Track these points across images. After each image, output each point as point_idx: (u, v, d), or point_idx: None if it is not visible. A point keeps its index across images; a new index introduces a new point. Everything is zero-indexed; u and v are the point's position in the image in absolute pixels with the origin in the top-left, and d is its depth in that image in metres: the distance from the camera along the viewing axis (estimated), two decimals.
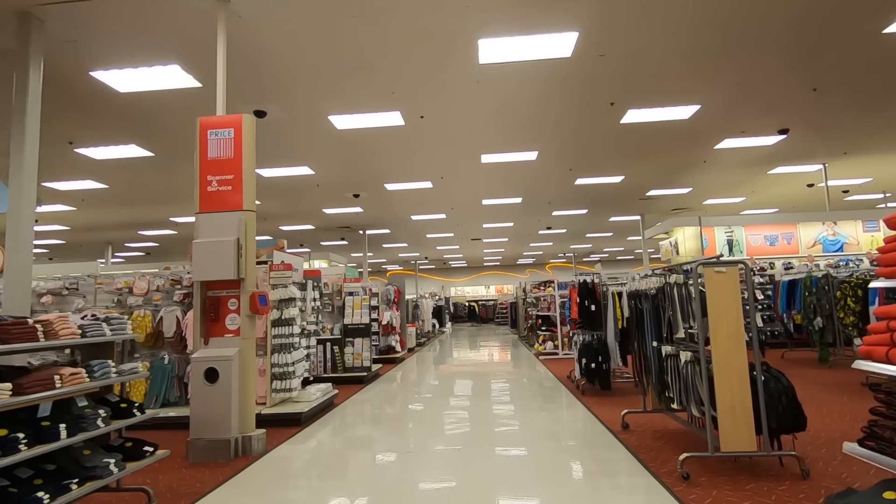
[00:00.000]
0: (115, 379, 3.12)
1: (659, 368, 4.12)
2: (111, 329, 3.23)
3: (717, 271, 3.53)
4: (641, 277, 4.48)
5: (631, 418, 5.16)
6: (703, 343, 3.54)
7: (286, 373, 5.79)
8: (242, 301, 4.73)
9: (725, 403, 3.44)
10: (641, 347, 4.58)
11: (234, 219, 4.81)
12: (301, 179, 10.92)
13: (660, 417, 5.17)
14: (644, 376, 4.60)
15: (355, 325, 8.38)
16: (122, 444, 3.20)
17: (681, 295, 3.78)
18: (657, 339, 4.15)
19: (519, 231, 19.01)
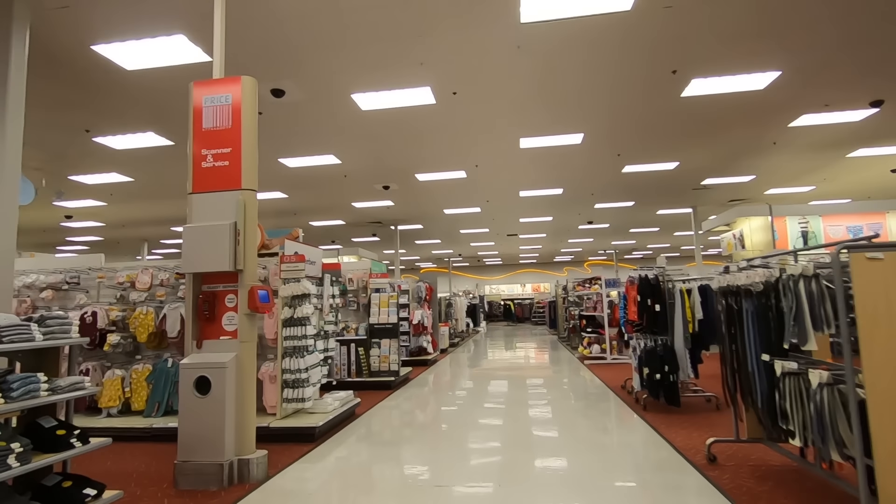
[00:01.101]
0: (44, 399, 2.34)
1: (769, 390, 3.05)
2: (45, 332, 2.46)
3: (872, 257, 2.45)
4: (741, 269, 3.41)
5: (719, 448, 4.07)
6: (849, 360, 2.47)
7: (299, 380, 4.98)
8: (241, 297, 3.93)
9: (888, 448, 2.37)
10: (737, 359, 3.51)
11: (230, 199, 4.01)
12: (327, 170, 10.18)
13: (756, 448, 4.07)
14: (741, 396, 3.52)
15: (382, 324, 7.55)
16: (57, 484, 2.43)
17: (810, 291, 2.71)
18: (767, 349, 3.08)
19: (558, 226, 17.82)
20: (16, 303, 5.70)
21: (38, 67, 5.76)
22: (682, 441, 4.39)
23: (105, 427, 5.03)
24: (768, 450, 3.98)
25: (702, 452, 4.00)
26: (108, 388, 5.35)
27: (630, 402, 6.03)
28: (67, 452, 2.45)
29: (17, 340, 2.32)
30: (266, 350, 5.39)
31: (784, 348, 2.99)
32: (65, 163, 9.25)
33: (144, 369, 5.41)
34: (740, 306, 3.34)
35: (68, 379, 2.52)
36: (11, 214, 4.49)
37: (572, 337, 12.34)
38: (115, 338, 5.41)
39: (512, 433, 4.91)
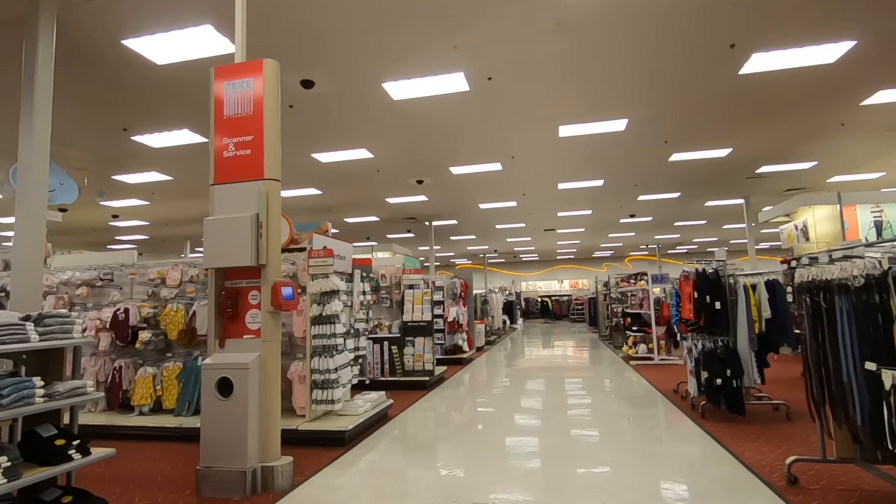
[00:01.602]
0: (39, 406, 2.12)
1: (873, 404, 2.52)
2: (43, 332, 2.25)
3: None
4: (834, 259, 2.87)
5: (801, 468, 3.53)
6: None
7: (328, 381, 4.72)
8: (264, 294, 3.68)
9: None
10: (826, 367, 2.98)
11: (252, 190, 3.76)
12: (360, 164, 9.96)
13: (846, 469, 3.50)
14: (830, 410, 2.99)
15: (416, 322, 7.25)
16: (56, 499, 2.21)
17: None
18: (870, 356, 2.55)
19: (598, 220, 17.09)
20: (53, 299, 5.71)
21: (72, 64, 5.72)
22: (753, 456, 3.86)
23: (136, 426, 4.92)
24: (861, 472, 3.41)
25: (779, 471, 3.47)
26: (139, 385, 5.26)
27: (685, 409, 5.49)
28: (63, 466, 2.23)
29: (10, 342, 2.11)
30: (295, 349, 5.17)
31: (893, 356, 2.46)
32: (106, 163, 9.39)
33: (175, 367, 5.29)
34: (831, 304, 2.81)
35: (68, 384, 2.30)
36: (40, 210, 4.41)
37: (615, 335, 11.72)
38: (147, 335, 5.31)
39: (555, 440, 4.49)
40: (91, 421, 5.06)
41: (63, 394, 2.25)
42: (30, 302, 4.25)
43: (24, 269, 4.21)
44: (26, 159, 4.32)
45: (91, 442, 2.44)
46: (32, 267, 4.27)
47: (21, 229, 4.28)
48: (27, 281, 4.23)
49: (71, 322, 2.43)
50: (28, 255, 4.25)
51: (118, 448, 4.69)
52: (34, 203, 4.33)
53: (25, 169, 4.32)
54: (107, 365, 5.48)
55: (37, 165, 4.35)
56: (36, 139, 4.36)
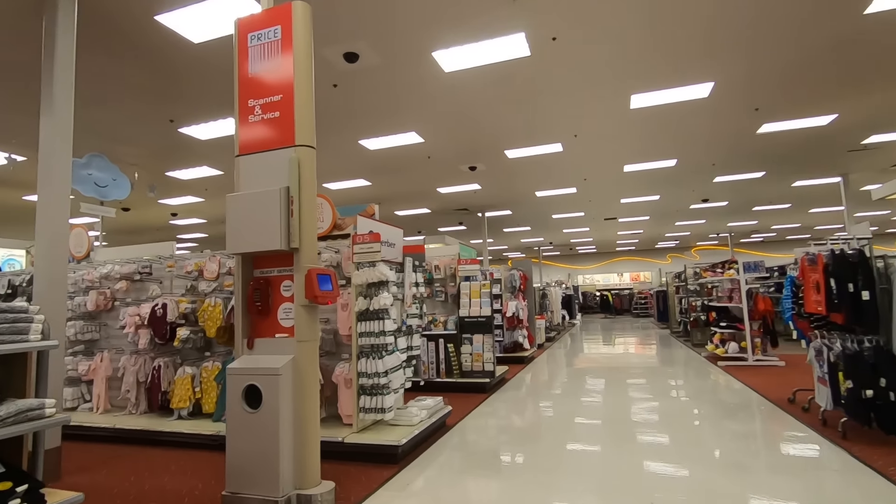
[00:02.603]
0: None
1: None
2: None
3: None
4: None
5: None
6: None
7: (377, 386, 4.03)
8: (297, 283, 3.02)
9: None
10: None
11: (281, 159, 3.10)
12: (409, 151, 9.28)
13: None
14: None
15: (473, 317, 6.47)
16: None
17: None
18: None
19: (665, 206, 15.61)
20: (95, 294, 5.39)
21: (111, 48, 5.32)
22: None
23: (173, 431, 4.45)
24: None
25: None
26: (178, 387, 4.81)
27: (814, 425, 4.37)
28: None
29: None
30: (340, 349, 4.53)
31: None
32: (158, 158, 9.23)
33: (214, 367, 4.80)
34: None
35: (17, 404, 1.70)
36: (63, 209, 3.99)
37: (693, 332, 10.43)
38: (185, 332, 4.85)
39: (650, 462, 3.57)
40: (129, 425, 4.65)
41: (4, 419, 1.65)
42: (53, 298, 3.83)
43: (47, 263, 3.79)
44: (48, 147, 3.90)
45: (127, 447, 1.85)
46: (56, 262, 3.85)
47: (43, 220, 3.87)
48: (50, 277, 3.82)
49: (27, 319, 1.84)
50: (51, 249, 3.83)
51: (154, 456, 4.23)
52: (56, 192, 3.91)
53: (47, 156, 3.90)
54: (146, 364, 5.08)
55: (59, 158, 3.93)
56: (57, 118, 3.93)
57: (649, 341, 12.32)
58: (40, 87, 4.07)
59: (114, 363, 5.30)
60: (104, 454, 4.37)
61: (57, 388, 3.74)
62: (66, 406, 5.34)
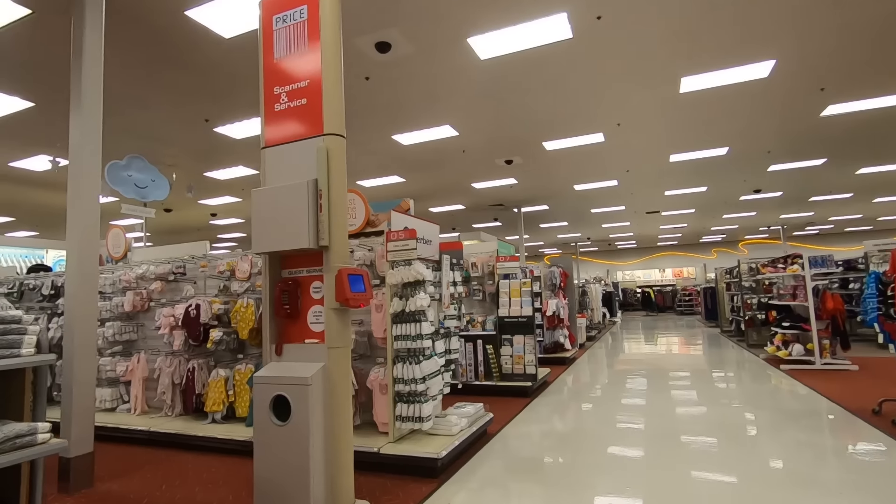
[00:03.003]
0: None
1: None
2: None
3: None
4: None
5: None
6: None
7: (414, 393, 3.75)
8: (327, 284, 2.76)
9: None
10: None
11: (308, 150, 2.85)
12: (444, 145, 8.99)
13: None
14: None
15: (513, 317, 6.12)
16: None
17: None
18: None
19: (713, 198, 14.73)
20: (132, 295, 5.34)
21: (144, 46, 5.26)
22: None
23: (206, 436, 4.32)
24: None
25: None
26: (212, 389, 4.68)
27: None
28: None
29: None
30: (375, 352, 4.28)
31: None
32: (196, 158, 9.28)
33: (247, 370, 4.64)
34: None
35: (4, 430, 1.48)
36: (93, 196, 3.89)
37: (748, 332, 9.71)
38: (218, 333, 4.72)
39: (711, 473, 3.14)
40: (164, 428, 4.55)
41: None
42: (84, 298, 3.73)
43: (77, 264, 3.69)
44: (77, 145, 3.80)
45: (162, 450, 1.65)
46: (86, 262, 3.75)
47: (74, 219, 3.78)
48: (82, 278, 3.72)
49: (18, 331, 1.62)
50: (81, 249, 3.73)
51: (187, 462, 4.10)
52: (87, 190, 3.81)
53: (77, 155, 3.80)
54: (181, 365, 4.99)
55: (88, 151, 3.82)
56: (86, 117, 3.82)
57: (698, 341, 11.61)
58: None
59: (150, 364, 5.25)
60: (139, 458, 4.28)
61: (88, 393, 3.64)
62: (106, 407, 5.33)
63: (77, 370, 3.57)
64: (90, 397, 3.63)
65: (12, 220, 13.45)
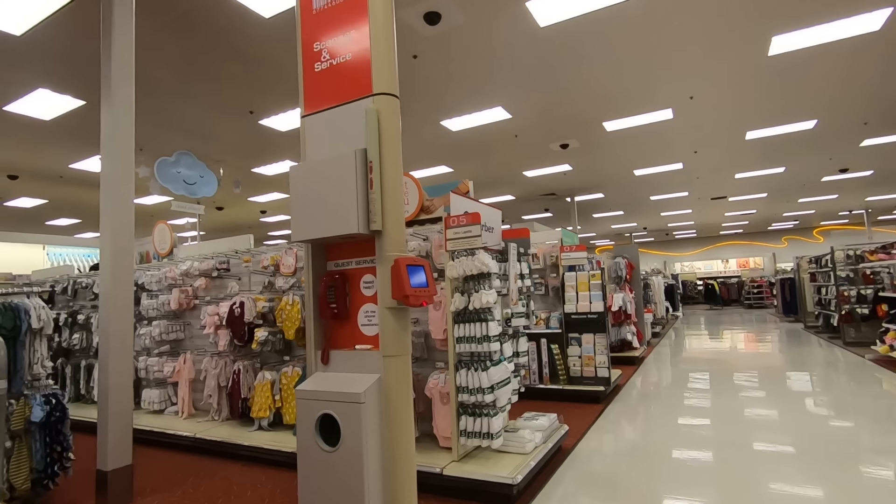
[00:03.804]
0: None
1: None
2: None
3: None
4: None
5: None
6: None
7: (480, 405, 3.19)
8: (381, 278, 2.23)
9: None
10: None
11: (355, 114, 2.32)
12: (495, 129, 8.35)
13: None
14: None
15: (582, 314, 5.44)
16: None
17: None
18: None
19: (790, 180, 13.28)
20: (177, 293, 5.08)
21: (183, 30, 4.96)
22: None
23: (252, 445, 3.94)
24: None
25: None
26: (258, 394, 4.31)
27: None
28: None
29: None
30: (433, 355, 3.74)
31: None
32: (242, 153, 9.10)
33: (294, 373, 4.24)
34: None
35: None
36: (128, 199, 3.57)
37: (844, 328, 8.52)
38: (263, 333, 4.34)
39: None
40: (209, 435, 4.22)
41: None
42: (119, 298, 3.41)
43: (111, 263, 3.36)
44: (109, 140, 3.48)
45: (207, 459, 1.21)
46: (120, 261, 3.42)
47: (107, 217, 3.46)
48: (117, 275, 3.39)
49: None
50: (115, 246, 3.40)
51: (232, 475, 3.73)
52: (119, 184, 3.48)
53: (108, 145, 3.48)
54: (227, 367, 4.66)
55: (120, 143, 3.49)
56: (116, 107, 3.49)
57: (779, 338, 10.41)
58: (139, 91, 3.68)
59: (196, 365, 4.97)
60: (183, 468, 3.95)
61: (125, 399, 3.31)
62: (154, 409, 5.10)
63: (112, 375, 3.25)
64: (127, 404, 3.31)
65: (79, 221, 13.94)
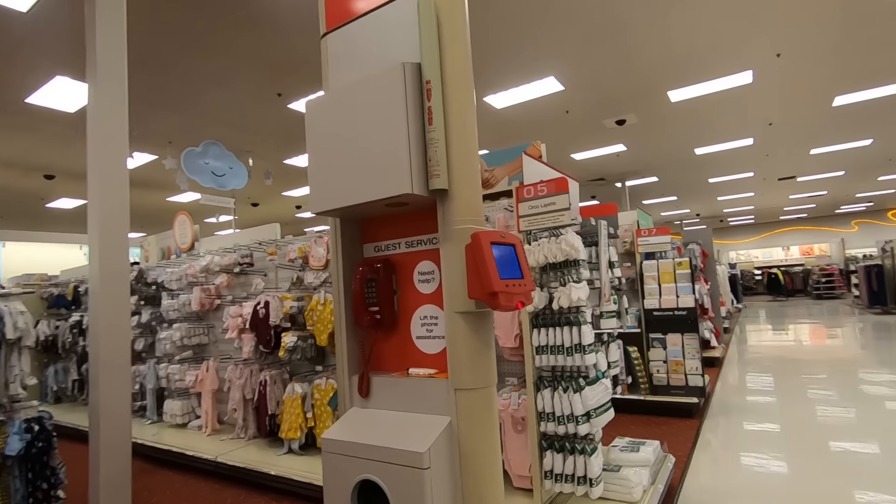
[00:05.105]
0: None
1: None
2: None
3: None
4: None
5: None
6: None
7: (572, 437, 2.33)
8: (448, 265, 1.41)
9: None
10: None
11: (402, 15, 1.50)
12: (545, 105, 7.41)
13: None
14: None
15: (666, 310, 4.48)
16: None
17: None
18: None
19: (875, 154, 11.65)
20: (198, 291, 4.44)
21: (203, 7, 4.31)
22: None
23: (280, 476, 3.22)
24: None
25: None
26: (287, 410, 3.60)
27: None
28: None
29: None
30: (502, 365, 2.90)
31: None
32: (272, 143, 8.51)
33: (328, 386, 3.49)
34: None
35: None
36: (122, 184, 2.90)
37: None
38: (291, 339, 3.62)
39: None
40: (233, 459, 3.54)
41: None
42: (111, 302, 2.74)
43: (99, 260, 2.70)
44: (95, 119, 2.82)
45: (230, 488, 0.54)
46: (111, 258, 2.75)
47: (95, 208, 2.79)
48: (110, 274, 2.72)
49: None
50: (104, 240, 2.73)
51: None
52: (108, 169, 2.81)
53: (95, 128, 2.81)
54: (253, 377, 3.98)
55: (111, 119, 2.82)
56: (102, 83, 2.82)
57: (873, 332, 9.02)
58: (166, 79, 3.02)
59: (221, 373, 4.32)
60: (200, 499, 3.29)
61: (123, 418, 2.65)
62: (177, 422, 4.49)
63: (105, 402, 2.58)
64: (125, 419, 2.64)
65: None
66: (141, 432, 4.37)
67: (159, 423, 4.67)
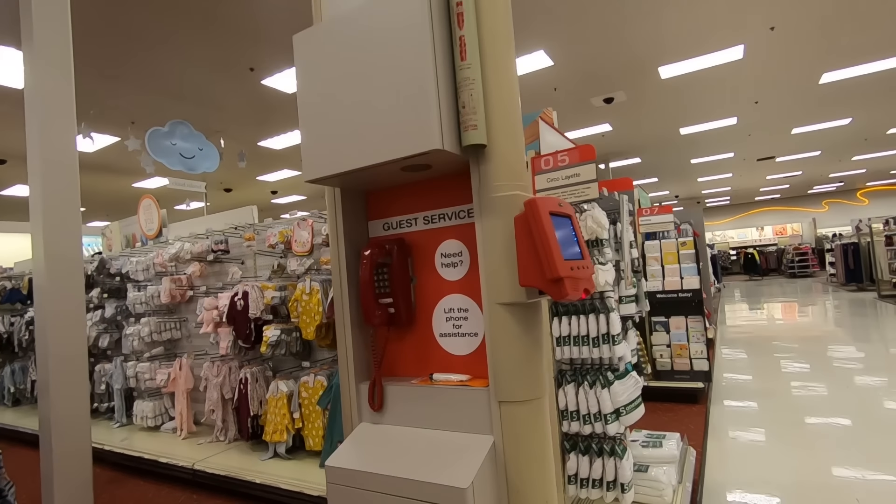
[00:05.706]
0: None
1: None
2: None
3: None
4: None
5: None
6: None
7: (600, 437, 2.08)
8: (487, 241, 1.09)
9: None
10: None
11: None
12: (533, 81, 7.08)
13: None
14: None
15: (670, 292, 4.28)
16: None
17: None
18: None
19: (853, 134, 11.74)
20: (168, 282, 4.02)
21: None
22: None
23: (266, 484, 2.90)
24: None
25: None
26: (271, 410, 3.26)
27: None
28: None
29: None
30: None
31: None
32: (245, 122, 7.97)
33: (317, 383, 3.17)
34: None
35: None
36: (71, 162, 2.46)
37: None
38: (273, 332, 3.26)
39: None
40: (212, 466, 3.19)
41: None
42: (65, 291, 2.34)
43: (43, 247, 2.28)
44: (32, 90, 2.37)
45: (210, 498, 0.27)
46: (55, 245, 2.34)
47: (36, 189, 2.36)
48: (50, 265, 2.31)
49: None
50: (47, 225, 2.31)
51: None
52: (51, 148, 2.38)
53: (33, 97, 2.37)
54: (232, 375, 3.62)
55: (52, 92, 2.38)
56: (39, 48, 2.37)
57: (853, 309, 9.14)
58: None
59: (196, 371, 3.94)
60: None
61: (80, 424, 2.27)
62: (148, 425, 4.10)
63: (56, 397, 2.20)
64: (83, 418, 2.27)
65: (82, 210, 13.02)
66: (108, 437, 3.97)
67: (129, 427, 4.27)
